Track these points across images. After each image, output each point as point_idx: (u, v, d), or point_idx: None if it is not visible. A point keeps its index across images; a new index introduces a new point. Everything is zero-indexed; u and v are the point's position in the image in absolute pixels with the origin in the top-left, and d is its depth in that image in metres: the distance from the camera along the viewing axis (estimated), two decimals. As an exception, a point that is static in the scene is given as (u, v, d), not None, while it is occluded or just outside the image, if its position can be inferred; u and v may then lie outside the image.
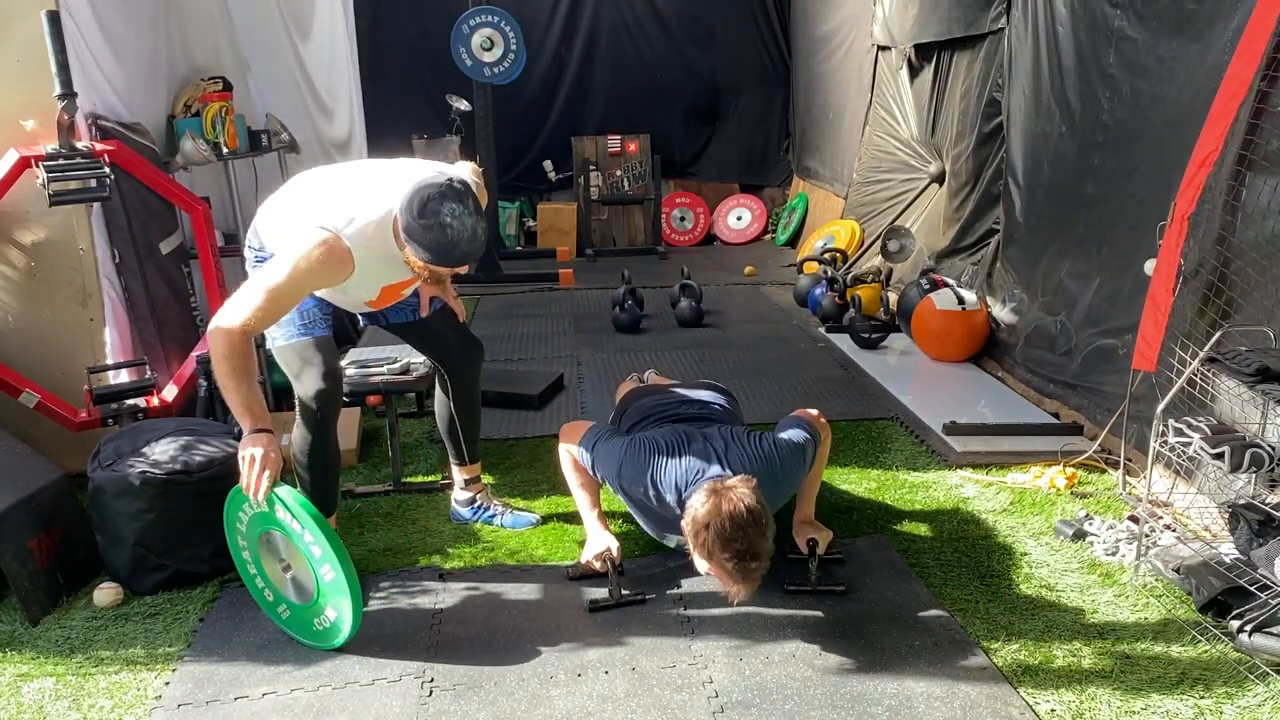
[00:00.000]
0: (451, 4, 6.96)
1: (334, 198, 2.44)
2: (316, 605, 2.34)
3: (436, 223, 2.27)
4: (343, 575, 2.23)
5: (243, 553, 2.44)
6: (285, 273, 2.30)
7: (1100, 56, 3.60)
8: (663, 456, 2.48)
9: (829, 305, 5.41)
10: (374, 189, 2.42)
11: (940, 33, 5.23)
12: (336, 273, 2.38)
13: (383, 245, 2.39)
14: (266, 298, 2.29)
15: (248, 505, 2.33)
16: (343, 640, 2.33)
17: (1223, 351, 2.59)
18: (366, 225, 2.37)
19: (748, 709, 2.11)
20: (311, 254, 2.31)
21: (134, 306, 3.42)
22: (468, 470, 3.03)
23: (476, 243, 2.34)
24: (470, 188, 2.35)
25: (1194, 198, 2.75)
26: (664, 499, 2.47)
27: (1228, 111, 2.65)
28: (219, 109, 3.89)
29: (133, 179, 3.37)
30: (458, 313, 2.98)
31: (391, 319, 2.87)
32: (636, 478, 2.50)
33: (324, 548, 2.24)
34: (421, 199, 2.28)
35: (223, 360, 2.25)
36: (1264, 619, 2.21)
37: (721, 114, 8.55)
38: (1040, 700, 2.12)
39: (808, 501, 2.75)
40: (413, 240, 2.31)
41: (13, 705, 2.17)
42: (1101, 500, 3.10)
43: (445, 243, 2.29)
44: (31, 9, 2.98)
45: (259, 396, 2.33)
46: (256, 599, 2.48)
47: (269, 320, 2.37)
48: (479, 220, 2.35)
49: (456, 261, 2.36)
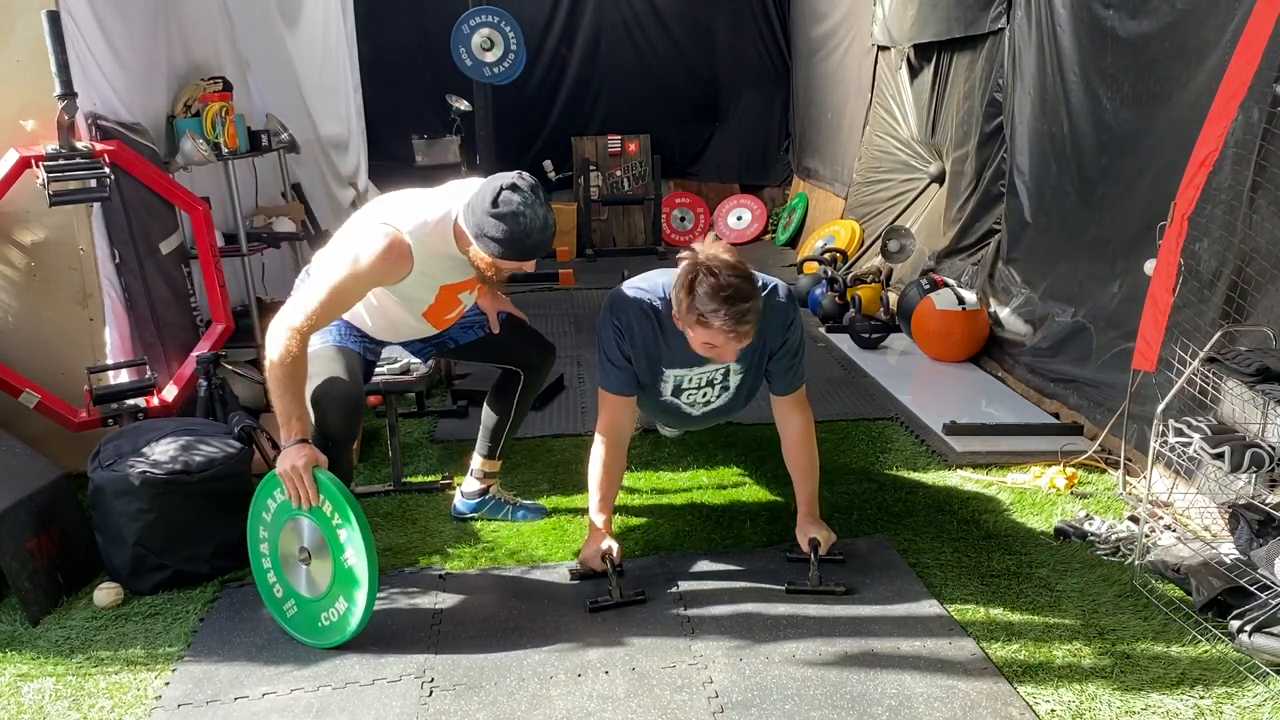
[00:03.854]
0: (451, 4, 6.96)
1: (394, 207, 2.47)
2: (328, 598, 2.34)
3: (510, 212, 2.29)
4: (365, 561, 2.25)
5: (261, 545, 2.44)
6: (347, 267, 2.33)
7: (1100, 56, 3.60)
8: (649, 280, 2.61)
9: (829, 305, 5.41)
10: (432, 196, 2.48)
11: (939, 33, 5.23)
12: (396, 268, 2.39)
13: (442, 243, 2.42)
14: (329, 293, 2.32)
15: (279, 491, 2.35)
16: (350, 633, 2.33)
17: (1223, 351, 2.59)
18: (426, 223, 2.40)
19: (748, 709, 2.11)
20: (374, 247, 2.33)
21: (134, 306, 3.42)
22: (491, 465, 3.04)
23: (547, 234, 2.37)
24: (538, 183, 2.39)
25: (1194, 198, 2.75)
26: (659, 308, 2.54)
27: (1228, 111, 2.65)
28: (219, 109, 3.88)
29: (133, 179, 3.36)
30: (523, 320, 3.03)
31: (461, 340, 2.89)
32: (635, 304, 2.57)
33: (351, 531, 2.26)
34: (495, 189, 2.32)
35: (277, 365, 2.27)
36: (1264, 619, 2.21)
37: (721, 114, 8.55)
38: (1040, 700, 2.11)
39: (809, 499, 2.75)
40: (483, 235, 2.34)
41: (13, 705, 2.17)
42: (1101, 500, 3.10)
43: (518, 232, 2.31)
44: (31, 9, 2.97)
45: (302, 409, 2.33)
46: (264, 596, 2.48)
47: (329, 317, 2.39)
48: (549, 212, 2.38)
49: (528, 252, 2.37)
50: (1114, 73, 3.53)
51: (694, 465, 3.43)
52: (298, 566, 2.39)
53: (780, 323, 2.61)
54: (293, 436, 2.29)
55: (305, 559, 2.37)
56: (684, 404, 2.75)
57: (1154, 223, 2.92)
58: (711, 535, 2.93)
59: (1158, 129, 3.28)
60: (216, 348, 3.52)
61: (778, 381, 2.71)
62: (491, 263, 2.39)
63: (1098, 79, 3.63)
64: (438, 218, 2.42)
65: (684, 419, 2.86)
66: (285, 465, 2.26)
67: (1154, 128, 3.30)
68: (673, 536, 2.92)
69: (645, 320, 2.59)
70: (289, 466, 2.26)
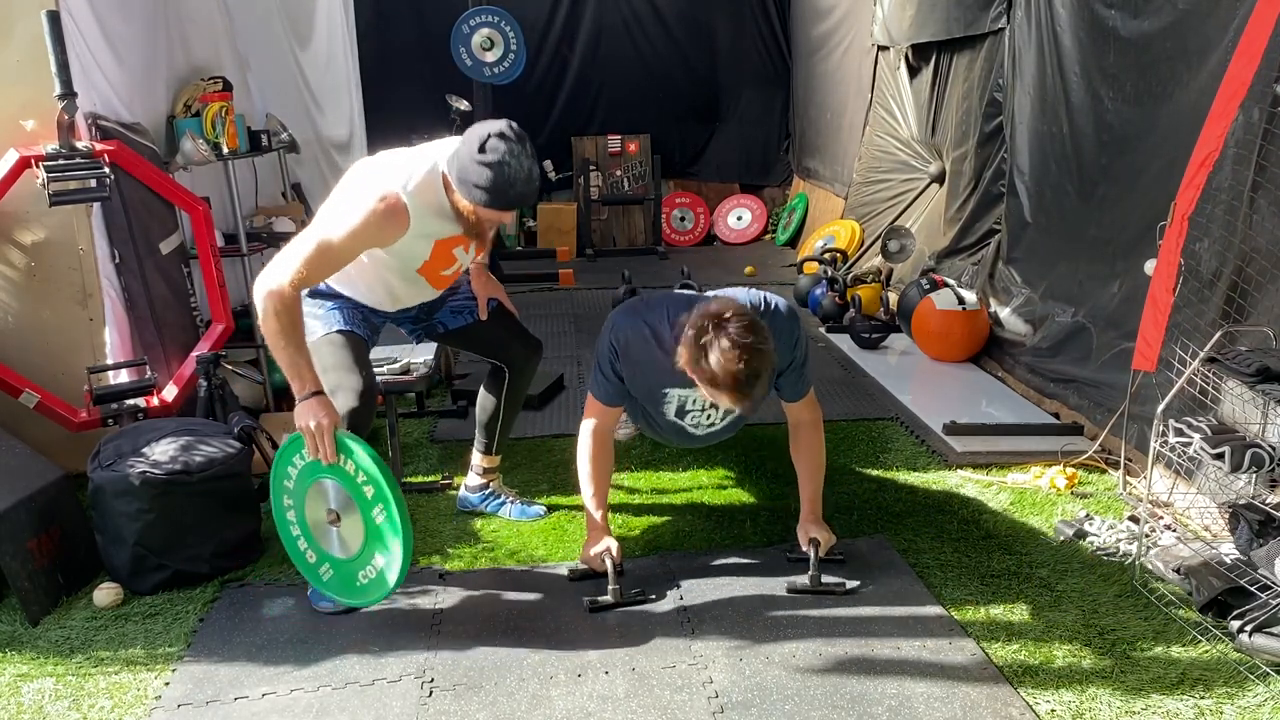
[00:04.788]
0: (451, 4, 6.96)
1: (383, 167, 2.45)
2: (362, 556, 2.35)
3: (495, 160, 2.28)
4: (396, 514, 2.26)
5: (287, 513, 2.45)
6: (343, 225, 2.30)
7: (1101, 56, 3.60)
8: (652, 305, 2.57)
9: (829, 305, 5.41)
10: (418, 152, 2.46)
11: (939, 33, 5.23)
12: (392, 228, 2.37)
13: (433, 195, 2.41)
14: (317, 249, 2.29)
15: (298, 456, 2.35)
16: (389, 589, 2.34)
17: (1223, 351, 2.59)
18: (416, 177, 2.38)
19: (748, 709, 2.11)
20: (373, 208, 2.31)
21: (134, 306, 3.42)
22: (490, 460, 3.06)
23: (531, 185, 2.35)
24: (525, 134, 2.36)
25: (1194, 197, 2.75)
26: (660, 334, 2.50)
27: (1228, 111, 2.64)
28: (219, 109, 3.88)
29: (133, 179, 3.36)
30: (513, 312, 3.01)
31: (451, 325, 2.88)
32: (632, 324, 2.54)
33: (377, 487, 2.27)
34: (481, 135, 2.30)
35: (270, 318, 2.23)
36: (1264, 619, 2.21)
37: (721, 114, 8.55)
38: (1040, 700, 2.11)
39: (812, 499, 2.75)
40: (467, 181, 2.32)
41: (13, 705, 2.17)
42: (1101, 500, 3.10)
43: (501, 181, 2.29)
44: (31, 9, 2.97)
45: (309, 358, 2.31)
46: (297, 562, 2.49)
47: (319, 275, 2.36)
48: (535, 164, 2.36)
49: (511, 202, 2.35)
50: (1115, 72, 3.53)
51: (694, 465, 3.43)
52: (328, 529, 2.39)
53: (786, 343, 2.59)
54: (306, 388, 2.27)
55: (334, 520, 2.38)
56: (688, 425, 2.74)
57: (1154, 223, 2.92)
58: (711, 535, 2.93)
59: (1158, 129, 3.28)
60: (216, 348, 3.52)
61: (788, 391, 2.71)
62: (473, 209, 2.37)
63: (1099, 79, 3.63)
64: (426, 169, 2.40)
65: (688, 439, 2.84)
66: (306, 420, 2.25)
67: (1155, 127, 3.30)
68: (673, 536, 2.92)
69: (645, 345, 2.56)
70: (310, 423, 2.24)
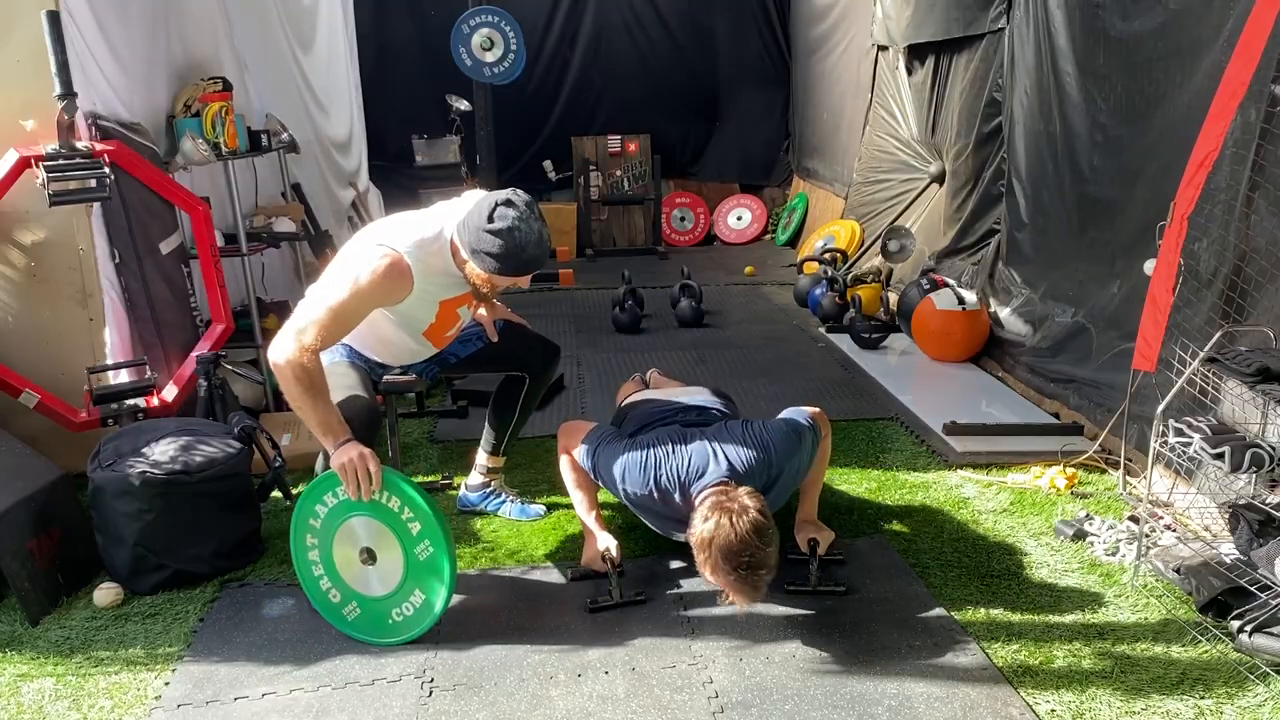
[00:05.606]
0: (451, 4, 6.96)
1: (389, 229, 2.46)
2: (400, 593, 2.35)
3: (505, 227, 2.30)
4: (445, 548, 2.28)
5: (309, 553, 2.42)
6: (348, 288, 2.32)
7: (1093, 57, 3.60)
8: (665, 458, 2.49)
9: (829, 305, 5.41)
10: (425, 216, 2.48)
11: (938, 33, 5.23)
12: (398, 288, 2.39)
13: (440, 260, 2.43)
14: (329, 315, 2.30)
15: (331, 495, 2.34)
16: (430, 623, 2.35)
17: (1223, 351, 2.59)
18: (423, 240, 2.40)
19: (748, 709, 2.11)
20: (376, 267, 2.32)
21: (134, 306, 3.42)
22: (496, 460, 3.08)
23: (543, 247, 2.37)
24: (532, 199, 2.39)
25: (1194, 197, 2.75)
26: (670, 498, 2.47)
27: (1227, 111, 2.65)
28: (219, 109, 3.88)
29: (133, 179, 3.36)
30: (523, 323, 3.02)
31: (462, 354, 2.90)
32: (641, 482, 2.50)
33: (426, 522, 2.28)
34: (489, 205, 2.32)
35: (292, 384, 2.25)
36: (1264, 619, 2.21)
37: (721, 114, 8.55)
38: (1040, 700, 2.11)
39: (810, 501, 2.76)
40: (479, 251, 2.34)
41: (13, 705, 2.17)
42: (1101, 500, 3.10)
43: (513, 246, 2.31)
44: (31, 9, 2.97)
45: (336, 413, 2.31)
46: (318, 604, 2.45)
47: (331, 338, 2.36)
48: (544, 226, 2.38)
49: (524, 266, 2.37)
50: (1107, 73, 3.52)
51: (694, 465, 3.43)
52: (360, 569, 2.38)
53: (800, 464, 2.60)
54: (340, 438, 2.27)
55: (366, 559, 2.37)
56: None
57: (1153, 223, 2.92)
58: (711, 535, 2.92)
59: (1155, 129, 3.28)
60: (216, 348, 3.52)
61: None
62: (487, 279, 2.40)
63: (1093, 79, 3.63)
64: (434, 234, 2.42)
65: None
66: (344, 459, 2.25)
67: (1151, 128, 3.30)
68: (673, 536, 2.93)
69: (654, 510, 2.56)
70: (350, 459, 2.24)
